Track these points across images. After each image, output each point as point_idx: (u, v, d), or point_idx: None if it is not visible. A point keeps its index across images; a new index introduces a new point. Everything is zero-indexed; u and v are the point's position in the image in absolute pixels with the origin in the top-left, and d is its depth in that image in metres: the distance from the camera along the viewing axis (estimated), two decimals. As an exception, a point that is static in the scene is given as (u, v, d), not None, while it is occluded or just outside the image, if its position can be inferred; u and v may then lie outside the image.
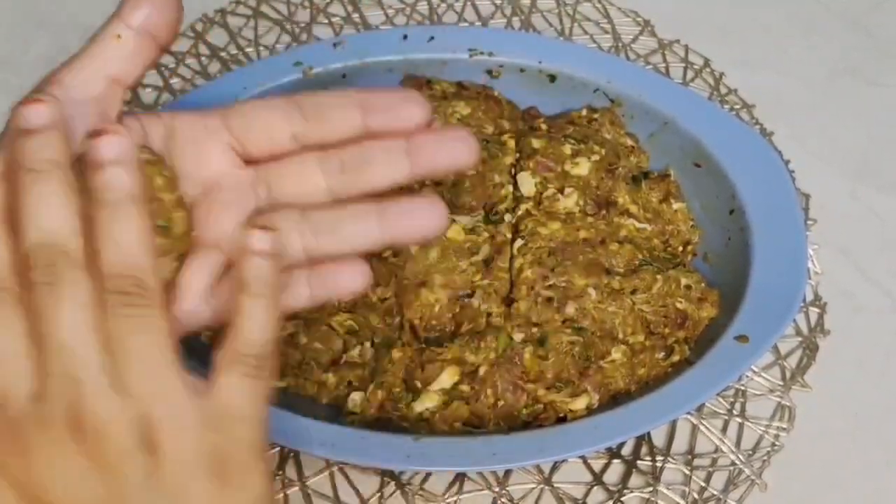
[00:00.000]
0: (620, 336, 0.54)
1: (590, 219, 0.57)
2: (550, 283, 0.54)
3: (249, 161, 0.42)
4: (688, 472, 0.53)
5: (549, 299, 0.54)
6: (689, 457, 0.54)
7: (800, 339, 0.59)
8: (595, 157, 0.59)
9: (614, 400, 0.53)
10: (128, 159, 0.37)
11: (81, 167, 0.37)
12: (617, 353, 0.53)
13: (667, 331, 0.55)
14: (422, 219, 0.42)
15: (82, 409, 0.34)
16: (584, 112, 0.63)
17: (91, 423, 0.34)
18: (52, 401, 0.34)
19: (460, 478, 0.53)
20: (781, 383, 0.57)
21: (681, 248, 0.59)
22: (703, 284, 0.56)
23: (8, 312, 0.35)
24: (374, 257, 0.53)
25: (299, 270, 0.41)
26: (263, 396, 0.38)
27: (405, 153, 0.42)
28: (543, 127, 0.62)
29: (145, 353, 0.36)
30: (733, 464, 0.54)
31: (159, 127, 0.41)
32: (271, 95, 0.43)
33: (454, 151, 0.42)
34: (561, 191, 0.58)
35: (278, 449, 0.53)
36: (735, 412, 0.56)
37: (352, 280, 0.42)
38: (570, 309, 0.54)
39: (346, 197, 0.42)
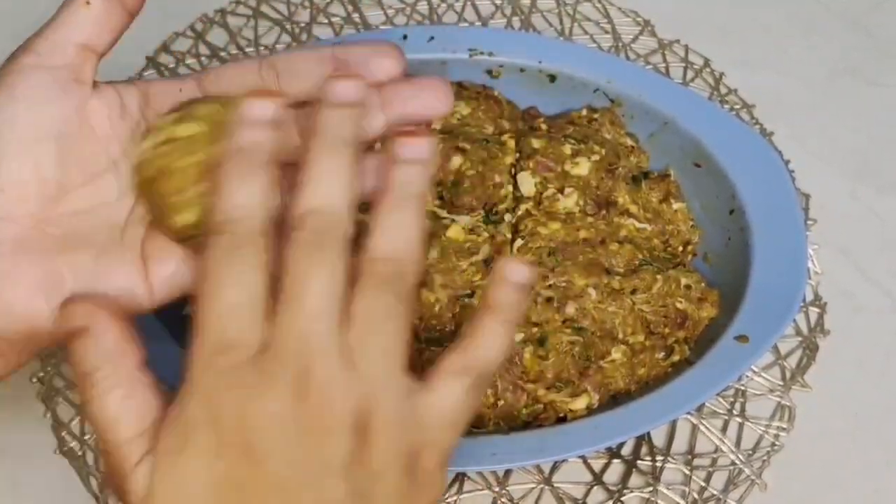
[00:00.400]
0: (620, 336, 0.54)
1: (590, 219, 0.57)
2: (550, 282, 0.54)
3: None
4: (688, 472, 0.53)
5: (549, 299, 0.54)
6: (689, 457, 0.54)
7: (800, 339, 0.59)
8: (595, 157, 0.59)
9: (614, 400, 0.53)
10: (428, 162, 0.39)
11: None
12: (617, 353, 0.53)
13: (667, 331, 0.55)
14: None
15: (311, 374, 0.35)
16: (584, 112, 0.63)
17: (316, 389, 0.35)
18: (283, 357, 0.35)
19: (460, 478, 0.53)
20: (781, 383, 0.57)
21: (681, 248, 0.59)
22: (703, 284, 0.56)
23: (256, 261, 0.36)
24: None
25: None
26: (473, 411, 0.38)
27: (378, 105, 0.42)
28: (543, 127, 0.62)
29: (384, 340, 0.36)
30: (733, 464, 0.54)
31: (134, 93, 0.42)
32: (243, 58, 0.43)
33: (427, 100, 0.42)
34: (561, 191, 0.58)
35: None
36: (735, 412, 0.56)
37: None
38: (570, 309, 0.54)
39: None
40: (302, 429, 0.35)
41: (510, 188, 0.58)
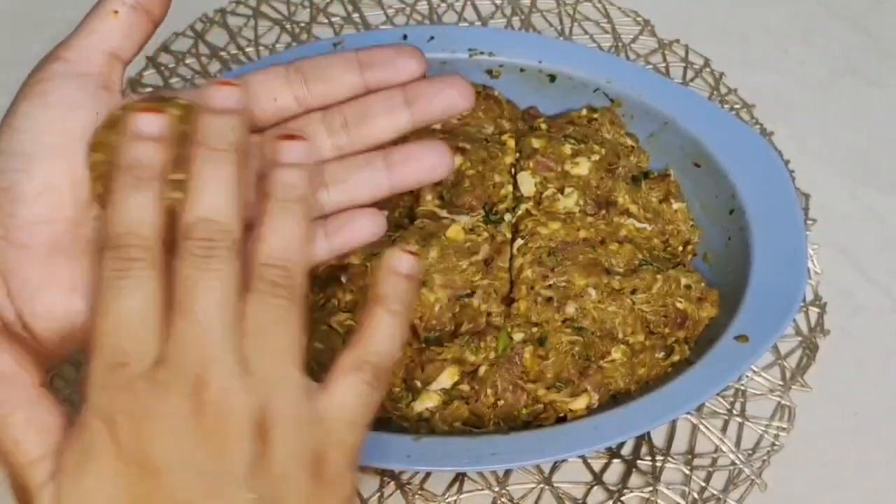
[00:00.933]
0: (620, 336, 0.54)
1: (590, 219, 0.57)
2: (550, 282, 0.54)
3: (254, 129, 0.43)
4: (688, 472, 0.53)
5: (549, 299, 0.54)
6: (689, 456, 0.54)
7: (800, 338, 0.59)
8: (595, 157, 0.59)
9: (614, 400, 0.53)
10: (308, 165, 0.40)
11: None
12: (617, 353, 0.53)
13: (667, 331, 0.55)
14: (428, 161, 0.44)
15: (207, 383, 0.35)
16: (584, 112, 0.63)
17: (213, 398, 0.35)
18: (178, 369, 0.35)
19: (460, 478, 0.53)
20: (781, 383, 0.57)
21: (681, 248, 0.59)
22: (702, 284, 0.56)
23: (146, 274, 0.36)
24: (373, 257, 0.53)
25: (316, 223, 0.43)
26: (374, 407, 0.39)
27: (404, 103, 0.44)
28: (543, 127, 0.62)
29: (278, 343, 0.37)
30: (733, 464, 0.54)
31: None
32: (270, 65, 0.44)
33: (450, 97, 0.44)
34: (561, 191, 0.58)
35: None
36: (735, 412, 0.56)
37: (369, 225, 0.44)
38: (570, 309, 0.54)
39: (351, 152, 0.44)
40: (200, 439, 0.35)
41: (510, 188, 0.58)
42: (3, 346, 0.37)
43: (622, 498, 0.52)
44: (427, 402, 0.51)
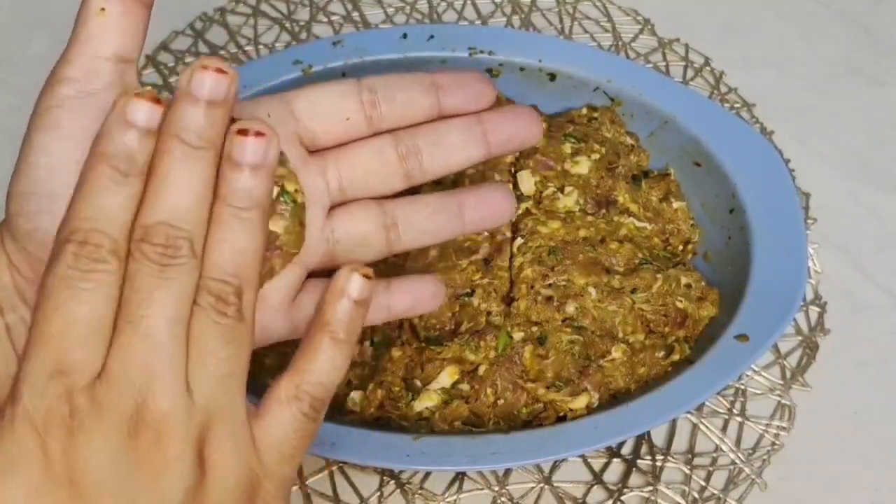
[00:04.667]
0: (620, 335, 0.54)
1: (590, 217, 0.57)
2: (550, 281, 0.54)
3: (314, 149, 0.40)
4: (688, 472, 0.53)
5: (549, 298, 0.54)
6: (690, 456, 0.54)
7: (800, 338, 0.59)
8: (595, 156, 0.59)
9: (614, 399, 0.53)
10: (269, 166, 0.36)
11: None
12: (617, 352, 0.53)
13: (667, 330, 0.55)
14: (498, 203, 0.43)
15: (147, 406, 0.33)
16: (584, 111, 0.63)
17: (152, 420, 0.33)
18: (120, 385, 0.33)
19: (460, 477, 0.53)
20: (781, 382, 0.57)
21: (681, 247, 0.59)
22: (703, 283, 0.56)
23: (109, 280, 0.33)
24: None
25: (378, 283, 0.41)
26: (312, 439, 0.37)
27: (481, 133, 0.41)
28: (543, 125, 0.62)
29: (223, 365, 0.34)
30: (733, 463, 0.54)
31: None
32: (335, 79, 0.41)
33: (525, 129, 0.42)
34: (561, 189, 0.58)
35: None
36: (735, 411, 0.56)
37: (433, 296, 0.43)
38: (570, 308, 0.54)
39: (421, 180, 0.41)
40: (136, 462, 0.32)
41: (510, 187, 0.58)
42: None
43: (622, 497, 0.52)
44: (427, 402, 0.51)
